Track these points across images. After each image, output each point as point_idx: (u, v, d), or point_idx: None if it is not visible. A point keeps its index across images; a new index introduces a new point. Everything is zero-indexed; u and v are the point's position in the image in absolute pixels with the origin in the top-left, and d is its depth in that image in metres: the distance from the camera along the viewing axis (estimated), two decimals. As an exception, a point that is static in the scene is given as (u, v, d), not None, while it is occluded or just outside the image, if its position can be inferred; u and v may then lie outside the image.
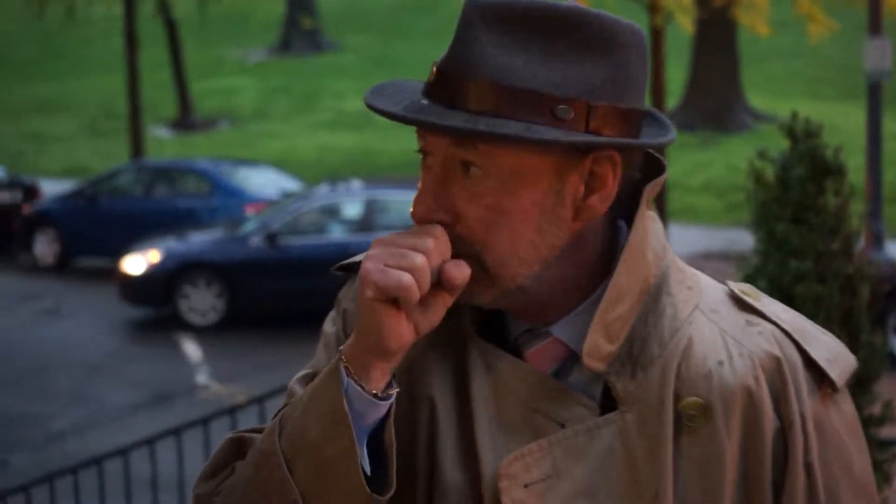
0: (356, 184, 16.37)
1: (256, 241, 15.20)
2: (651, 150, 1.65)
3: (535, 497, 1.58)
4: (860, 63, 15.27)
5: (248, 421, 6.17)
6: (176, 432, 6.75)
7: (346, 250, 14.26)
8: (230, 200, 18.02)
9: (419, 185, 1.60)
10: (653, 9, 17.16)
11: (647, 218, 1.63)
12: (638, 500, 1.57)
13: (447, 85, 1.55)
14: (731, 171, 21.70)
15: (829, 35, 19.81)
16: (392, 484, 1.59)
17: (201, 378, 13.03)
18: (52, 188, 21.44)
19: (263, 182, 18.94)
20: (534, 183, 1.56)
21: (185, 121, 30.32)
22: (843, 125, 22.09)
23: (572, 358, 1.62)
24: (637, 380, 1.58)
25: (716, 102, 25.96)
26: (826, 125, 5.08)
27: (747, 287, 1.68)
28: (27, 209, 19.39)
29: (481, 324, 1.67)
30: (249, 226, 15.68)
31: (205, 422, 6.72)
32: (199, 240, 15.85)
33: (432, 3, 40.01)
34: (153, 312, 15.64)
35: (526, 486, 1.58)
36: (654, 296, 1.61)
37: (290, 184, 19.28)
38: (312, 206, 15.66)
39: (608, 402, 1.59)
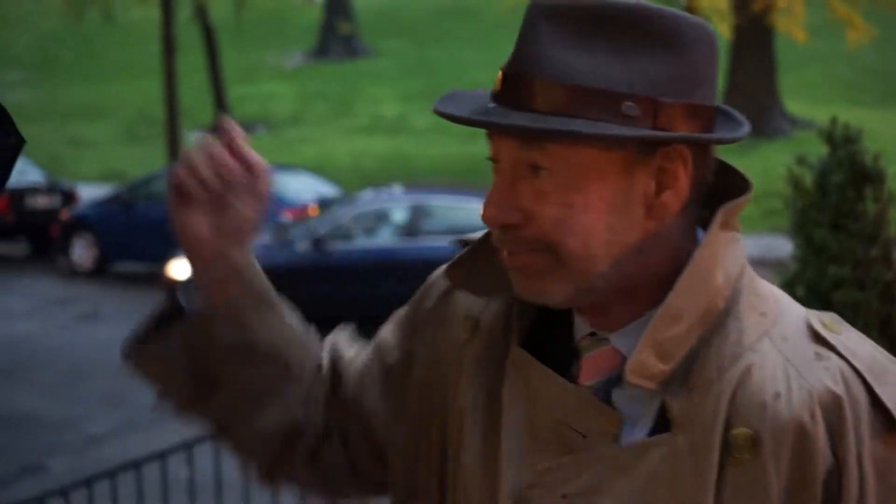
0: (398, 189, 16.35)
1: (302, 247, 15.15)
2: (738, 169, 1.62)
3: None
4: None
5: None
6: (214, 436, 6.74)
7: (392, 255, 14.29)
8: (267, 205, 18.02)
9: (490, 189, 1.59)
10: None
11: (723, 239, 1.58)
12: None
13: (513, 87, 1.53)
14: (769, 177, 21.57)
15: (868, 40, 19.72)
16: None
17: (239, 382, 13.05)
18: (89, 193, 21.56)
19: (300, 187, 18.94)
20: (602, 179, 1.53)
21: (222, 126, 30.40)
22: (881, 131, 21.97)
23: None
24: (693, 402, 1.54)
25: (753, 108, 25.84)
26: (864, 131, 5.05)
27: (829, 317, 1.61)
28: (65, 214, 19.49)
29: (529, 332, 1.66)
30: (295, 231, 15.65)
31: (242, 426, 6.71)
32: (246, 244, 15.82)
33: (469, 9, 40.06)
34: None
35: (564, 496, 1.56)
36: (720, 319, 1.56)
37: (327, 189, 19.30)
38: (358, 211, 15.62)
39: (661, 422, 1.55)
